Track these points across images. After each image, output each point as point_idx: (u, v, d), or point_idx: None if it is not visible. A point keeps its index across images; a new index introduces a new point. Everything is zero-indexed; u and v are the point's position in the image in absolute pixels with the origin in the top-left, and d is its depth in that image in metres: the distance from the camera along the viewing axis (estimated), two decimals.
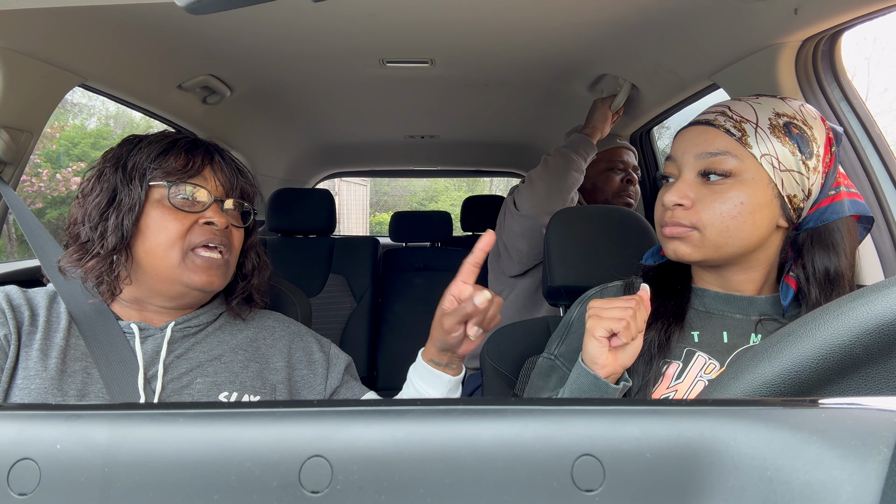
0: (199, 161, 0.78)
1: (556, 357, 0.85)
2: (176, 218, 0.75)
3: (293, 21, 1.26)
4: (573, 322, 0.87)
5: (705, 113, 0.78)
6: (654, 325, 0.76)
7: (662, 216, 0.76)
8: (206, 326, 0.83)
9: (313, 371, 0.87)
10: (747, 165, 0.70)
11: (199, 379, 0.77)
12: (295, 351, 0.87)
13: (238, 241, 0.82)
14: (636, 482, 0.25)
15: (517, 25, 1.28)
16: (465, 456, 0.26)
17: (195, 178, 0.78)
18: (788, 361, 0.33)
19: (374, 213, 12.70)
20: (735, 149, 0.71)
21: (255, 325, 0.88)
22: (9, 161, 1.12)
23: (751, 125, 0.71)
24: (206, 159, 0.80)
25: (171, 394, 0.75)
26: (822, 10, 0.94)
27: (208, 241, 0.76)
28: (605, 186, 1.64)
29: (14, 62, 1.05)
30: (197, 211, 0.77)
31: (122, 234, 0.74)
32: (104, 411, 0.28)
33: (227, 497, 0.26)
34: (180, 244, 0.75)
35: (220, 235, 0.77)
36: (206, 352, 0.80)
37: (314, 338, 0.91)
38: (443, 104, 2.06)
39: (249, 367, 0.82)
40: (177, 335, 0.79)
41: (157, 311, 0.80)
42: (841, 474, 0.24)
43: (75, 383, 0.72)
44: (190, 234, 0.76)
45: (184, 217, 0.76)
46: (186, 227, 0.76)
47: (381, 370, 2.18)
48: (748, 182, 0.70)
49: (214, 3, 0.41)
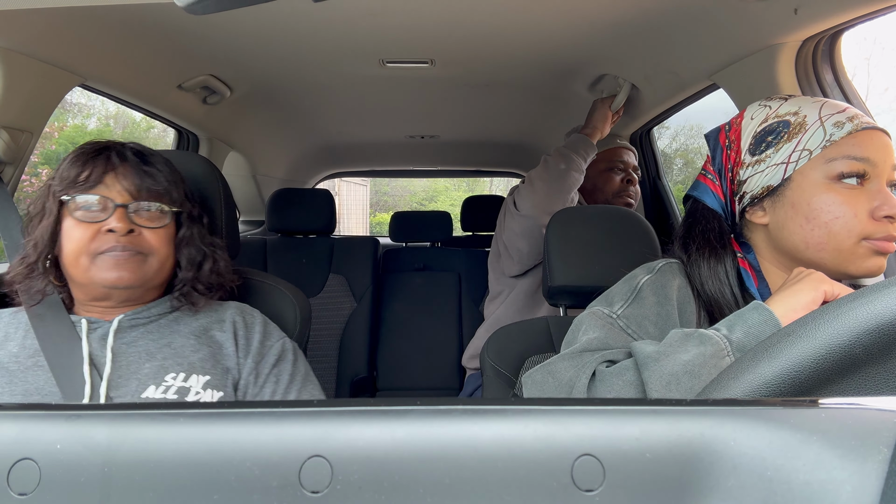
0: (99, 170, 0.81)
1: (619, 317, 0.77)
2: (81, 228, 0.80)
3: (293, 21, 1.26)
4: (642, 288, 0.79)
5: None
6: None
7: (875, 228, 0.67)
8: (157, 318, 0.86)
9: (241, 353, 0.87)
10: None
11: (147, 364, 0.81)
12: (240, 338, 0.88)
13: (156, 240, 0.84)
14: (636, 482, 0.25)
15: (517, 25, 1.28)
16: (465, 456, 0.26)
17: (96, 187, 0.81)
18: (788, 361, 0.33)
19: (374, 213, 12.70)
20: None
21: (212, 315, 0.90)
22: (9, 161, 1.12)
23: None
24: (107, 167, 0.82)
25: (119, 378, 0.79)
26: (822, 10, 0.94)
27: (110, 248, 0.79)
28: (605, 187, 1.64)
29: (14, 62, 1.05)
30: (100, 220, 0.80)
31: (41, 246, 0.81)
32: (104, 411, 0.28)
33: (227, 497, 0.26)
34: (87, 252, 0.79)
35: (124, 241, 0.80)
36: (156, 340, 0.84)
37: (261, 327, 0.91)
38: (443, 104, 2.06)
39: (200, 350, 0.84)
40: (125, 325, 0.84)
41: (102, 310, 0.85)
42: (841, 474, 0.24)
43: (26, 377, 0.78)
44: (94, 242, 0.80)
45: (87, 227, 0.80)
46: (91, 235, 0.79)
47: (381, 370, 2.18)
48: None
49: (214, 3, 0.41)
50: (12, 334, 0.83)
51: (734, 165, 0.77)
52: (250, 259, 2.14)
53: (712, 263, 0.76)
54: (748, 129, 0.77)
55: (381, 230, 9.60)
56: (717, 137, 0.81)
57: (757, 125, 0.76)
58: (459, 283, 2.34)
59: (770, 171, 0.73)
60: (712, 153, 0.81)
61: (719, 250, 0.77)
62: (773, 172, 0.72)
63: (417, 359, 2.19)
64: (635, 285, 0.80)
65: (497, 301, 1.61)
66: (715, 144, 0.81)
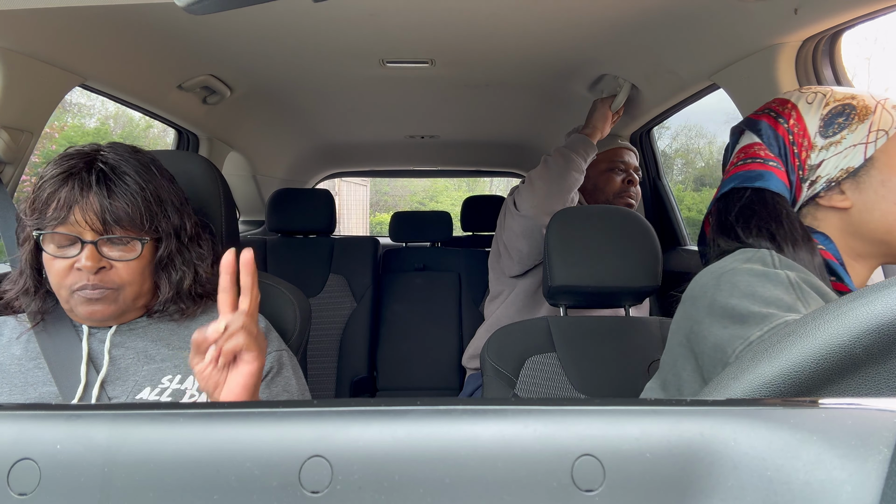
0: (66, 203, 0.76)
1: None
2: (56, 262, 0.78)
3: (293, 21, 1.26)
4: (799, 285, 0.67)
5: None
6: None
7: None
8: (156, 322, 0.87)
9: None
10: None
11: (145, 366, 0.82)
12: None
13: (129, 273, 0.80)
14: (636, 482, 0.25)
15: (517, 25, 1.28)
16: (465, 456, 0.26)
17: (63, 224, 0.77)
18: (788, 361, 0.33)
19: (374, 213, 12.70)
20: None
21: (211, 317, 0.89)
22: (9, 161, 1.12)
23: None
24: (72, 199, 0.76)
25: (116, 379, 0.80)
26: (822, 10, 0.94)
27: (81, 287, 0.77)
28: (605, 187, 1.64)
29: (14, 62, 1.05)
30: (71, 256, 0.77)
31: (26, 273, 0.82)
32: (104, 411, 0.28)
33: (227, 497, 0.26)
34: (64, 286, 0.79)
35: (94, 280, 0.78)
36: (154, 342, 0.85)
37: (264, 331, 0.88)
38: (443, 104, 2.06)
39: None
40: (123, 328, 0.85)
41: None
42: (841, 474, 0.24)
43: (26, 378, 0.79)
44: (68, 278, 0.78)
45: (61, 262, 0.78)
46: (65, 271, 0.78)
47: (381, 370, 2.18)
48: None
49: (214, 3, 0.41)
50: (16, 339, 0.84)
51: (801, 150, 0.74)
52: None
53: (806, 253, 0.70)
54: (810, 113, 0.74)
55: (381, 230, 9.60)
56: (770, 125, 0.77)
57: (820, 108, 0.74)
58: (459, 283, 2.34)
59: (848, 151, 0.70)
60: (768, 141, 0.77)
61: (810, 240, 0.71)
62: (852, 153, 0.70)
63: (417, 359, 2.19)
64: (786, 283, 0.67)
65: (497, 301, 1.61)
66: (770, 132, 0.77)
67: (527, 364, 1.09)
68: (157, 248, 0.84)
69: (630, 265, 1.13)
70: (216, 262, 0.89)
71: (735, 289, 0.63)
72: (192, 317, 0.89)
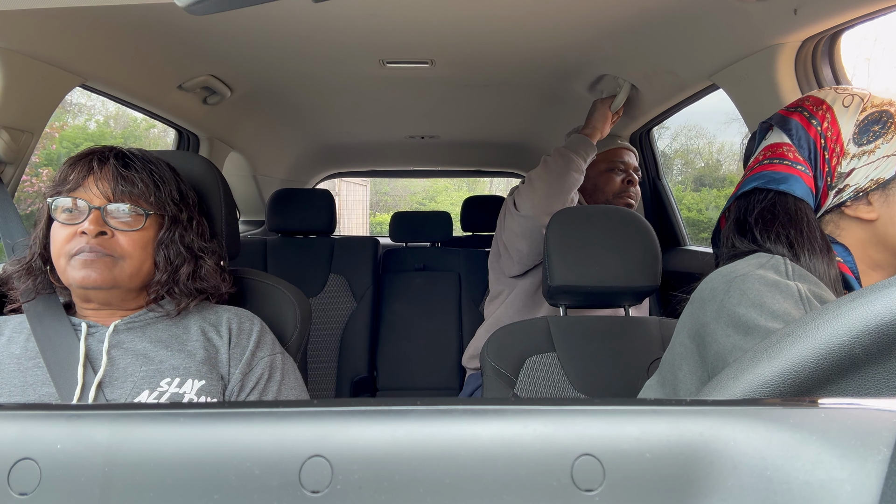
0: (81, 174, 0.83)
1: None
2: (62, 230, 0.82)
3: (293, 21, 1.26)
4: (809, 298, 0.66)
5: None
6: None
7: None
8: (155, 322, 0.87)
9: (233, 362, 0.87)
10: None
11: (143, 368, 0.82)
12: (233, 345, 0.88)
13: (130, 244, 0.83)
14: (636, 482, 0.25)
15: (517, 26, 1.28)
16: (465, 456, 0.26)
17: (75, 190, 0.83)
18: (788, 361, 0.33)
19: (374, 213, 12.70)
20: None
21: (210, 318, 0.90)
22: (9, 161, 1.12)
23: None
24: (88, 171, 0.83)
25: (114, 381, 0.80)
26: (822, 11, 0.94)
27: (80, 250, 0.80)
28: (605, 187, 1.64)
29: (14, 62, 1.06)
30: (77, 222, 0.81)
31: (34, 246, 0.85)
32: (104, 411, 0.28)
33: (227, 497, 0.26)
34: (64, 253, 0.81)
35: (93, 243, 0.80)
36: (153, 343, 0.85)
37: (257, 336, 0.90)
38: (443, 104, 2.06)
39: (196, 354, 0.84)
40: (122, 328, 0.85)
41: (94, 313, 0.86)
42: (840, 474, 0.24)
43: (25, 377, 0.80)
44: (69, 244, 0.81)
45: (67, 228, 0.82)
46: (68, 237, 0.81)
47: (381, 370, 2.18)
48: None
49: (214, 4, 0.41)
50: (16, 338, 0.84)
51: (832, 156, 0.71)
52: (250, 259, 2.14)
53: (823, 265, 0.68)
54: (846, 117, 0.71)
55: (382, 230, 9.60)
56: (802, 125, 0.74)
57: (856, 113, 0.71)
58: (459, 283, 2.34)
59: (881, 162, 0.68)
60: (798, 143, 0.74)
61: (829, 251, 0.69)
62: (885, 164, 0.68)
63: (417, 359, 2.19)
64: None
65: (497, 301, 1.61)
66: (801, 133, 0.74)
67: (526, 364, 1.09)
68: (160, 229, 0.87)
69: (630, 265, 1.13)
70: (222, 261, 0.93)
71: (744, 297, 0.62)
72: (187, 314, 0.89)
